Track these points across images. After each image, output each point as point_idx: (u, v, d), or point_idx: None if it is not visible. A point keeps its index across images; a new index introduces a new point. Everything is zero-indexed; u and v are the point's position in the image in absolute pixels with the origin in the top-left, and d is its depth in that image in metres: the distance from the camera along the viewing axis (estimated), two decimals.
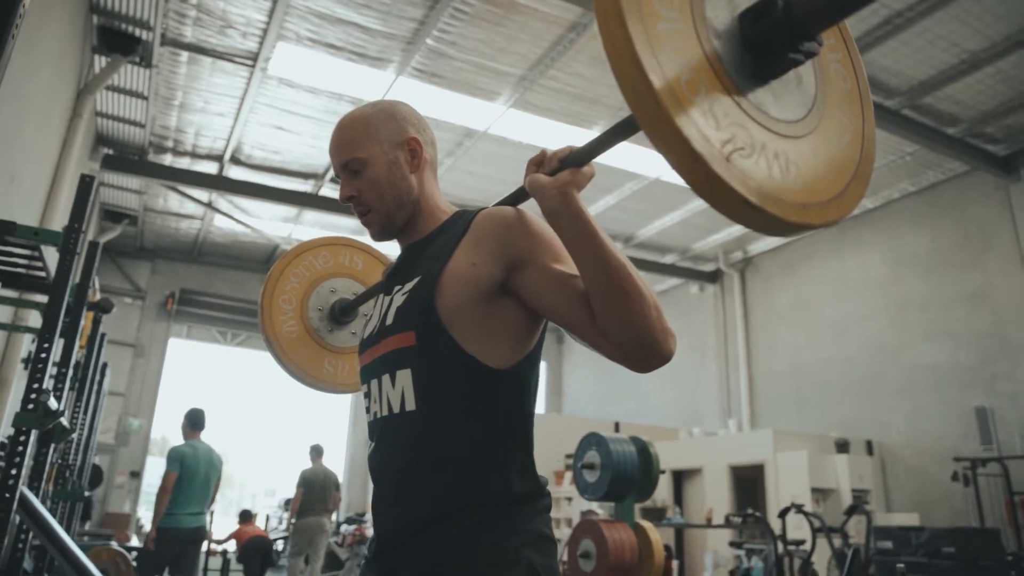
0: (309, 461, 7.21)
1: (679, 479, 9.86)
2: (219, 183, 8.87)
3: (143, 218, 10.70)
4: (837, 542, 6.80)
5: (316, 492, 6.89)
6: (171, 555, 4.61)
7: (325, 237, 1.90)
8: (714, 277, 11.47)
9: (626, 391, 12.38)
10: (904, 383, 8.49)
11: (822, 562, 7.03)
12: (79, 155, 6.38)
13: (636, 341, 0.91)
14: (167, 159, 8.67)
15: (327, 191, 9.23)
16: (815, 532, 6.59)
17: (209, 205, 9.90)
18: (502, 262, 1.02)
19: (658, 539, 4.16)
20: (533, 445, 1.07)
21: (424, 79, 6.82)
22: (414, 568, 0.99)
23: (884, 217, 8.89)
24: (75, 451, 4.78)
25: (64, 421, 2.68)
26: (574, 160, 0.96)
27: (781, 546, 6.75)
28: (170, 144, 8.42)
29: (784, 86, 0.80)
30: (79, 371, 4.25)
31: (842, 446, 8.45)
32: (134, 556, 4.89)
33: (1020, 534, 6.81)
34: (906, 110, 6.99)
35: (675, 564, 7.27)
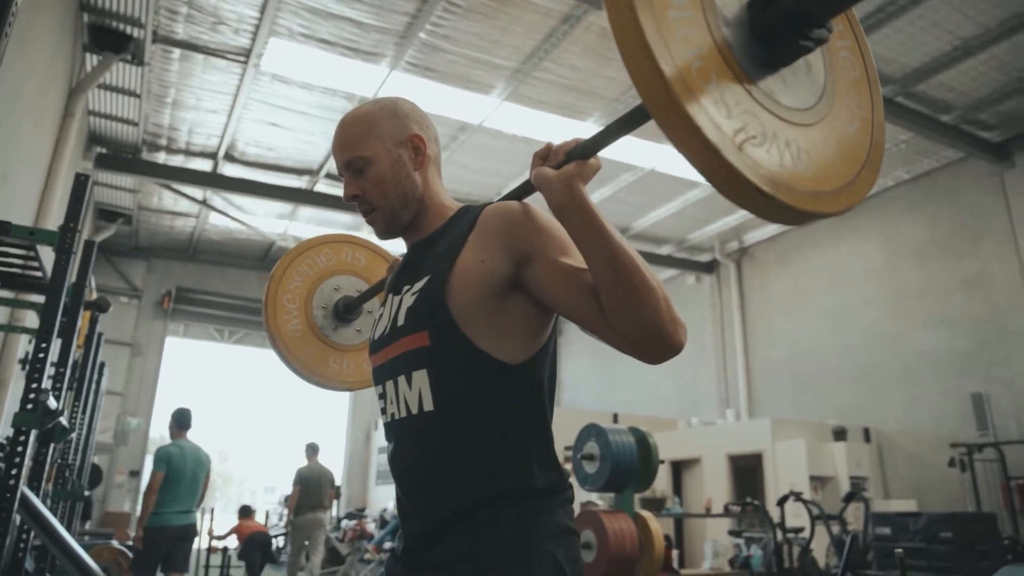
0: (305, 459, 7.33)
1: (678, 469, 9.90)
2: (213, 180, 8.84)
3: (138, 217, 10.67)
4: (835, 529, 6.84)
5: (312, 489, 7.02)
6: (161, 553, 4.64)
7: (327, 235, 1.90)
8: (710, 267, 11.49)
9: (624, 382, 12.41)
10: (901, 370, 8.53)
11: (821, 549, 7.07)
12: (72, 154, 6.35)
13: (646, 333, 0.91)
14: (161, 157, 8.64)
15: (322, 187, 9.21)
16: (814, 519, 6.63)
17: (204, 203, 9.87)
18: (511, 257, 1.02)
19: (658, 529, 4.19)
20: (552, 437, 1.08)
21: (418, 73, 6.80)
22: (440, 566, 1.00)
23: (879, 205, 8.91)
24: (74, 451, 4.77)
25: (63, 420, 2.68)
26: (580, 152, 0.96)
27: (780, 534, 6.78)
28: (163, 142, 8.38)
29: (794, 74, 0.80)
30: (77, 371, 4.24)
31: (840, 434, 8.49)
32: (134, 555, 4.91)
33: (1016, 518, 6.86)
34: (900, 98, 7.00)
35: (675, 553, 7.31)
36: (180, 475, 4.77)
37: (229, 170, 8.87)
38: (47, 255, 2.63)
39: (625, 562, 3.93)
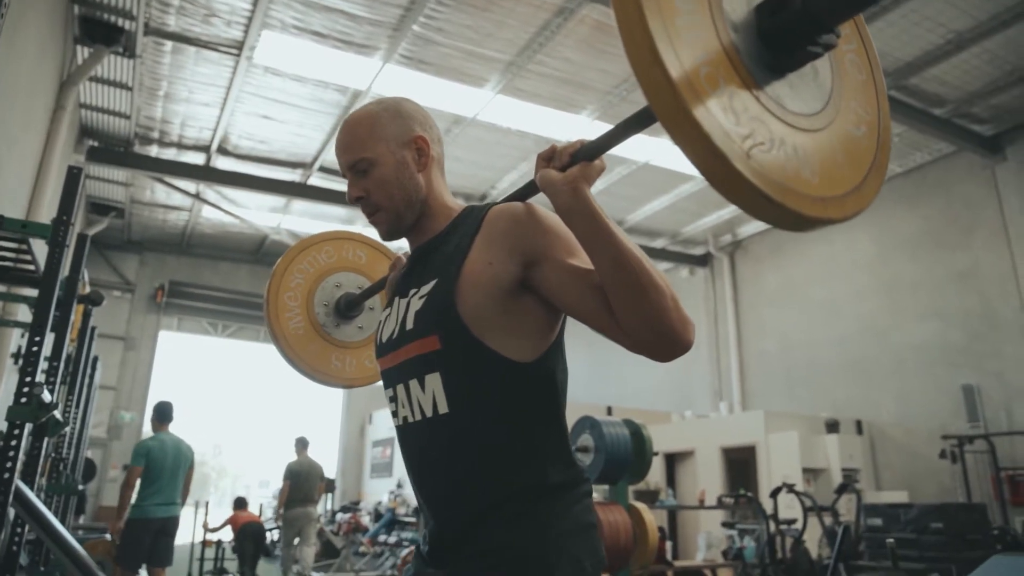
0: (295, 453, 7.42)
1: (671, 462, 9.95)
2: (206, 174, 8.80)
3: (130, 210, 10.62)
4: (828, 520, 6.89)
5: (302, 483, 7.13)
6: (144, 546, 4.65)
7: (328, 232, 1.90)
8: (704, 261, 11.52)
9: (618, 375, 12.44)
10: (893, 363, 8.58)
11: (813, 540, 7.12)
12: (63, 147, 6.31)
13: (655, 333, 0.91)
14: (153, 150, 8.60)
15: (316, 180, 9.18)
16: (806, 511, 6.67)
17: (197, 196, 9.83)
18: (518, 259, 1.02)
19: (652, 520, 4.21)
20: (567, 433, 1.08)
21: (411, 66, 6.78)
22: (462, 564, 1.01)
23: None
24: (68, 445, 4.77)
25: (57, 414, 2.67)
26: (585, 154, 0.95)
27: (773, 525, 6.83)
28: (156, 135, 8.34)
29: (801, 79, 0.79)
30: (70, 365, 4.23)
31: (832, 426, 8.55)
32: None
33: (1006, 508, 6.92)
34: (893, 91, 7.01)
35: (668, 545, 7.35)
36: (160, 468, 4.80)
37: (222, 163, 8.83)
38: (39, 249, 2.62)
39: (619, 553, 3.96)
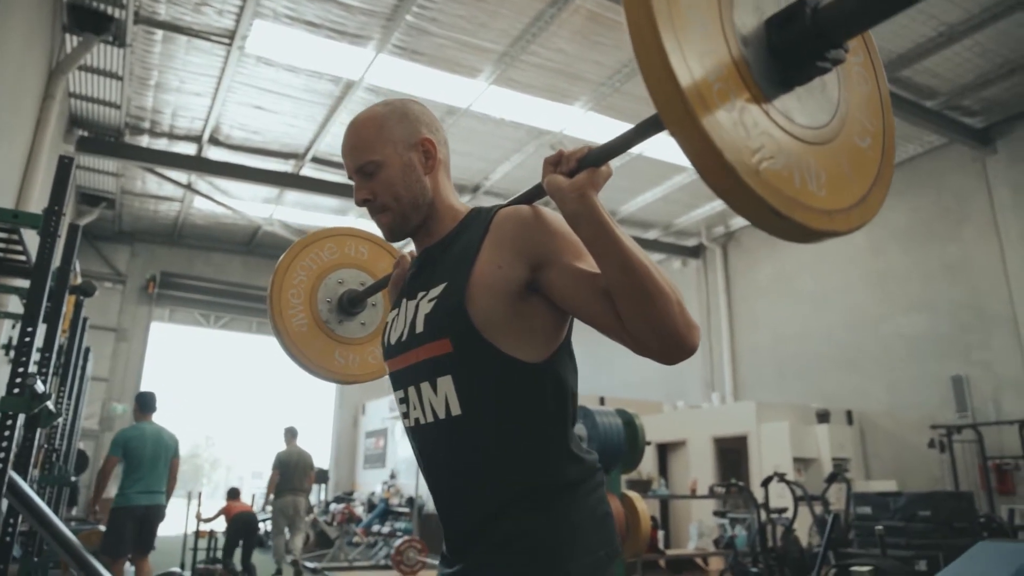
0: (284, 443, 7.50)
1: (664, 452, 10.01)
2: (198, 164, 8.75)
3: (121, 201, 10.55)
4: (818, 509, 6.95)
5: (291, 473, 7.25)
6: (129, 534, 4.67)
7: (329, 228, 1.91)
8: (697, 252, 11.55)
9: (611, 366, 12.48)
10: (883, 354, 8.65)
11: (804, 528, 7.19)
12: (53, 137, 6.25)
13: (660, 338, 0.92)
14: (144, 140, 8.54)
15: (308, 171, 9.14)
16: (797, 500, 6.73)
17: (188, 187, 9.78)
18: (526, 262, 1.04)
19: (644, 509, 4.24)
20: (575, 426, 1.10)
21: (404, 56, 6.75)
22: (481, 557, 1.04)
23: None
24: (60, 436, 4.76)
25: (50, 405, 2.67)
26: (592, 160, 0.96)
27: (764, 514, 6.89)
28: (147, 125, 8.28)
29: (809, 92, 0.80)
30: (62, 356, 4.22)
31: (823, 416, 8.61)
32: None
33: (992, 496, 7.01)
34: None
35: (661, 534, 7.41)
36: (140, 457, 4.82)
37: (214, 154, 8.78)
38: (31, 239, 2.60)
39: None
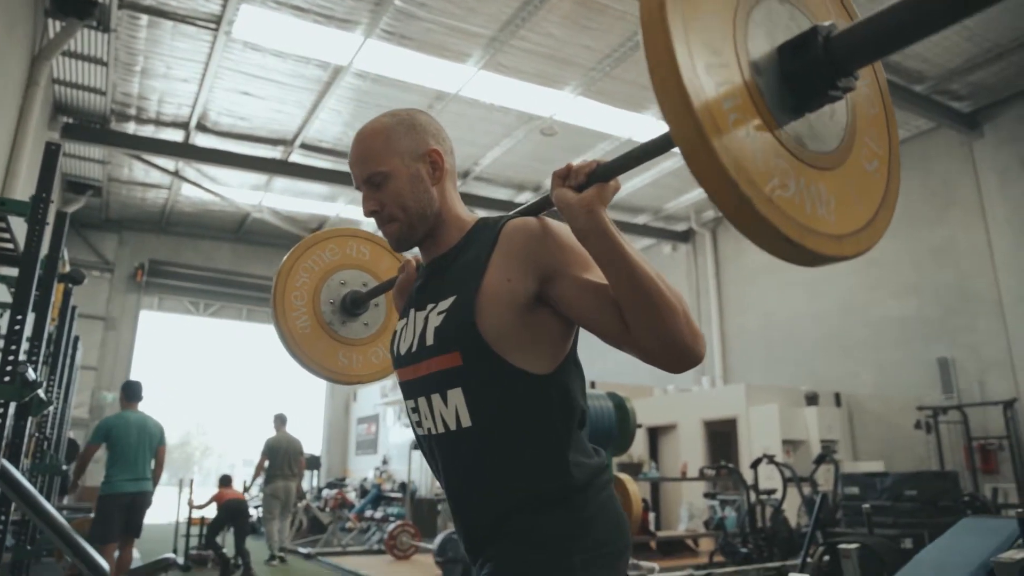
0: (274, 430, 7.58)
1: (654, 435, 10.09)
2: (185, 151, 8.67)
3: (107, 188, 10.45)
4: (807, 490, 7.05)
5: (282, 458, 7.39)
6: (116, 521, 4.69)
7: (331, 230, 1.93)
8: (686, 236, 11.58)
9: (601, 350, 12.39)
10: (871, 337, 8.73)
11: (792, 509, 7.29)
12: (37, 124, 6.18)
13: (667, 349, 0.95)
14: (130, 127, 8.45)
15: (297, 157, 9.09)
16: (786, 481, 6.82)
17: (176, 174, 9.70)
18: (535, 275, 1.05)
19: (636, 491, 4.29)
20: (587, 424, 1.14)
21: (393, 41, 6.70)
22: (495, 551, 1.07)
23: None
24: (51, 426, 4.75)
25: (41, 393, 2.67)
26: (601, 175, 0.97)
27: (753, 495, 6.97)
28: (133, 112, 8.19)
29: (819, 117, 0.80)
30: (51, 344, 4.19)
31: (811, 399, 8.71)
32: None
33: (976, 476, 7.13)
34: None
35: (652, 516, 7.49)
36: (124, 444, 4.83)
37: (201, 140, 8.71)
38: (18, 227, 2.59)
39: None
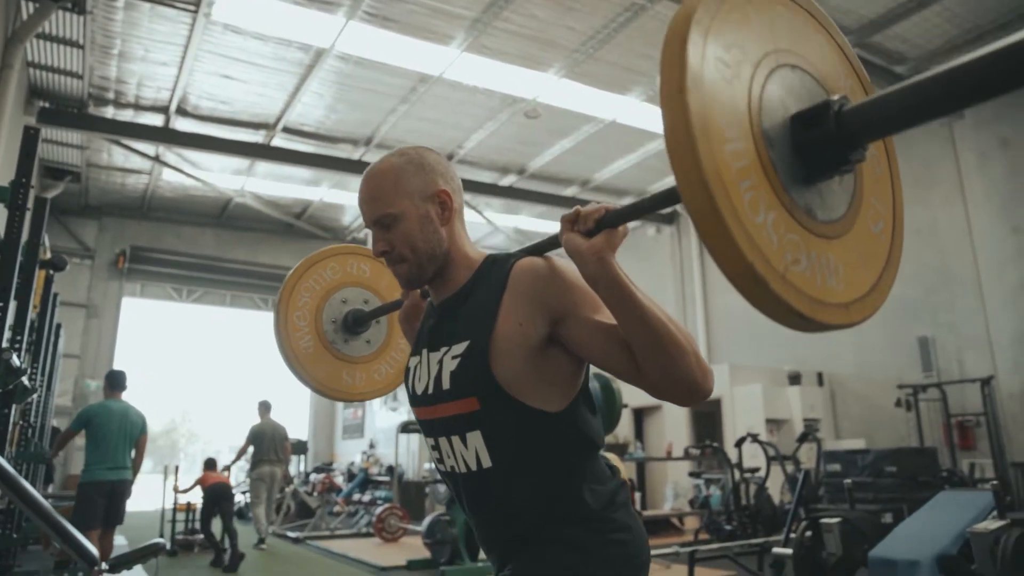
0: (259, 417, 7.61)
1: (640, 416, 10.20)
2: (165, 135, 8.56)
3: (87, 174, 10.30)
4: (790, 468, 7.17)
5: (267, 444, 7.44)
6: (98, 508, 4.69)
7: (331, 248, 1.93)
8: (670, 218, 11.63)
9: None
10: None
11: (776, 486, 7.42)
12: (13, 109, 6.07)
13: (678, 387, 0.99)
14: (109, 111, 8.32)
15: (279, 141, 9.00)
16: (769, 459, 6.93)
17: (156, 159, 9.58)
18: (546, 317, 1.07)
19: (622, 469, 4.34)
20: (601, 447, 1.17)
21: (375, 23, 6.63)
22: (516, 565, 1.11)
23: None
24: (35, 414, 4.72)
25: (25, 380, 2.65)
26: (610, 221, 0.99)
27: (738, 474, 7.08)
28: (111, 96, 8.06)
29: (828, 185, 0.80)
30: (33, 332, 4.16)
31: (794, 378, 8.83)
32: None
33: (954, 452, 7.27)
34: (856, 49, 7.07)
35: (637, 496, 7.59)
36: (106, 433, 4.81)
37: (182, 124, 8.59)
38: None
39: None
